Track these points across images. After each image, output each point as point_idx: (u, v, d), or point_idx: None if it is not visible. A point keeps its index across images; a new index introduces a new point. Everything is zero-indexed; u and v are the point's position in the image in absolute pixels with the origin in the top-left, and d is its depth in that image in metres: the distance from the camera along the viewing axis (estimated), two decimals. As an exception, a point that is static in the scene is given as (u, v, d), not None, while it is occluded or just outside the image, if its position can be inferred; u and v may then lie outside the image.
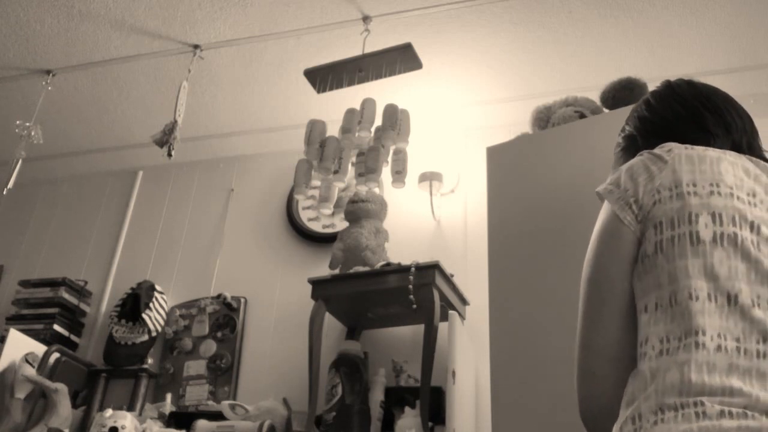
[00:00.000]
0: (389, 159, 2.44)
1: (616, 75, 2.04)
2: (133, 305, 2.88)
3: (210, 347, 2.80)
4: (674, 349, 0.82)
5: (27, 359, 2.48)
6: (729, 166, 0.95)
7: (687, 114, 1.10)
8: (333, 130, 2.55)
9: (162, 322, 2.90)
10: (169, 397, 2.64)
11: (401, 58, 2.33)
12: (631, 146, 1.15)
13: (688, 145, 0.99)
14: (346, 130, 2.44)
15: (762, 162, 0.99)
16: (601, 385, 0.92)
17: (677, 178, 0.93)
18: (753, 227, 0.88)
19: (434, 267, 2.26)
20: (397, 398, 2.36)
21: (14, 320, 2.94)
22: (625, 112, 1.26)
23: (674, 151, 0.97)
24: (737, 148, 1.05)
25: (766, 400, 0.76)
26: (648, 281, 0.90)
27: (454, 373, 2.04)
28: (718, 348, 0.80)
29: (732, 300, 0.83)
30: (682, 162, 0.95)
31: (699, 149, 0.98)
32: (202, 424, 2.30)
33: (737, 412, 0.75)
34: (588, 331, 0.95)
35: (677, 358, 0.81)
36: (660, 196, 0.92)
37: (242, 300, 2.88)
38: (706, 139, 1.05)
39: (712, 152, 0.97)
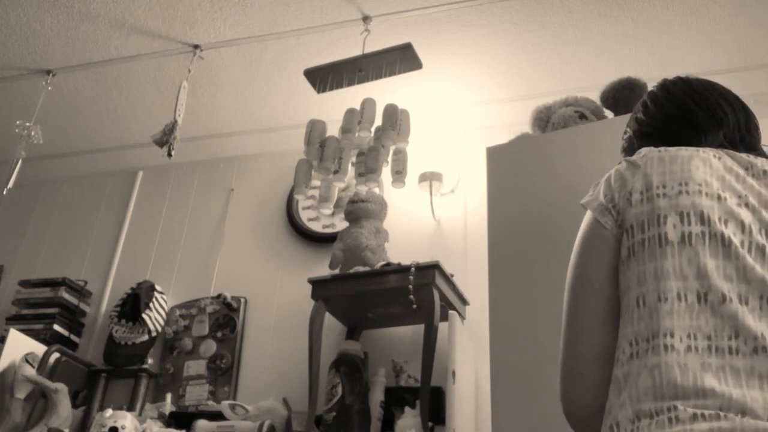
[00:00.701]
0: (389, 159, 2.44)
1: (616, 75, 2.04)
2: (133, 305, 2.88)
3: (210, 347, 2.80)
4: (643, 351, 0.82)
5: (27, 359, 2.48)
6: (700, 163, 0.94)
7: (678, 112, 1.10)
8: (333, 130, 2.55)
9: (162, 322, 2.90)
10: (169, 397, 2.64)
11: (401, 58, 2.33)
12: (629, 149, 1.16)
13: (662, 148, 1.00)
14: (346, 130, 2.44)
15: (739, 155, 0.98)
16: (585, 384, 0.92)
17: (648, 181, 0.94)
18: (721, 222, 0.88)
19: (434, 267, 2.26)
20: (397, 398, 2.36)
21: (14, 320, 2.94)
22: (623, 118, 1.27)
23: (647, 155, 0.98)
24: (729, 142, 1.05)
25: (739, 399, 0.75)
26: (622, 285, 0.91)
27: (454, 373, 2.04)
28: (689, 348, 0.79)
29: (702, 298, 0.83)
30: (653, 165, 0.96)
31: (672, 150, 0.98)
32: (202, 424, 2.30)
33: (710, 414, 0.74)
34: (571, 331, 0.96)
35: (647, 361, 0.81)
36: (632, 199, 0.93)
37: (242, 300, 2.88)
38: (697, 135, 1.05)
39: (684, 152, 0.97)
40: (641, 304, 0.86)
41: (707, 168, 0.94)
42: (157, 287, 2.98)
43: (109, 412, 2.34)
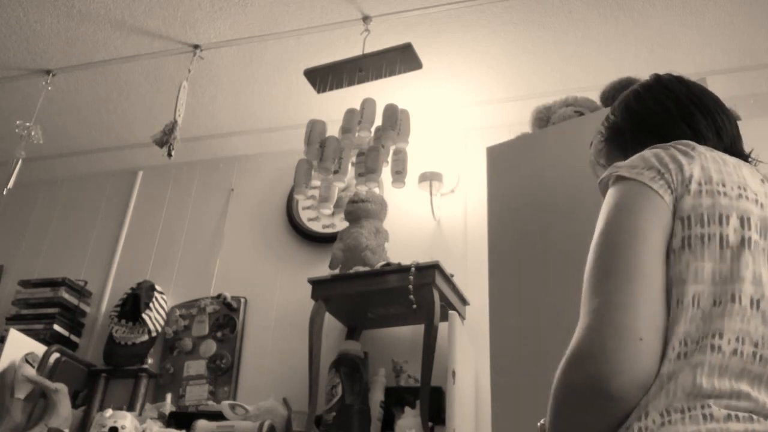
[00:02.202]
0: (389, 159, 2.44)
1: (616, 75, 2.03)
2: (133, 305, 2.88)
3: (210, 347, 2.80)
4: (691, 352, 0.80)
5: (27, 359, 2.48)
6: (748, 173, 0.94)
7: (678, 112, 1.07)
8: (333, 130, 2.55)
9: (162, 322, 2.90)
10: (169, 397, 2.64)
11: (401, 58, 2.33)
12: (617, 138, 1.13)
13: (706, 147, 0.97)
14: (346, 130, 2.44)
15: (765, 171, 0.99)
16: (643, 350, 0.79)
17: (707, 174, 0.90)
18: None
19: (434, 267, 2.26)
20: (397, 398, 2.36)
21: (14, 320, 2.94)
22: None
23: (697, 148, 0.95)
24: (728, 152, 1.03)
25: None
26: (672, 274, 0.85)
27: (454, 373, 2.04)
28: (734, 352, 0.79)
29: (754, 303, 0.82)
30: (707, 160, 0.92)
31: (717, 152, 0.97)
32: (202, 424, 2.30)
33: (743, 416, 0.74)
34: (630, 288, 0.82)
35: (692, 360, 0.79)
36: (690, 187, 0.89)
37: (242, 300, 2.88)
38: (697, 140, 1.02)
39: (729, 158, 0.96)
40: (695, 304, 0.82)
41: (754, 179, 0.94)
42: (157, 287, 2.98)
43: (109, 412, 2.34)
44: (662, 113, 1.08)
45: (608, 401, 0.78)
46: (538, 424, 0.92)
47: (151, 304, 2.87)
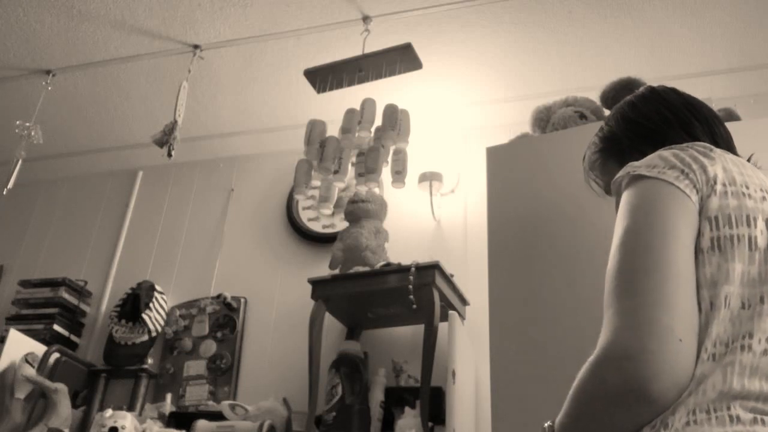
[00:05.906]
0: (389, 159, 2.44)
1: (616, 75, 2.04)
2: (133, 305, 2.89)
3: (210, 347, 2.80)
4: (720, 355, 0.79)
5: (27, 359, 2.48)
6: (764, 177, 0.94)
7: (676, 120, 1.07)
8: (333, 130, 2.55)
9: (162, 322, 2.90)
10: (169, 397, 2.64)
11: (401, 58, 2.33)
12: (613, 147, 1.13)
13: (721, 150, 0.97)
14: (346, 130, 2.44)
15: None
16: (683, 351, 0.77)
17: (730, 176, 0.90)
18: None
19: (434, 267, 2.26)
20: (397, 398, 2.36)
21: (14, 320, 2.94)
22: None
23: (716, 150, 0.95)
24: None
25: None
26: (704, 277, 0.84)
27: (454, 373, 2.04)
28: (765, 352, 0.78)
29: None
30: (728, 162, 0.92)
31: (734, 155, 0.97)
32: (202, 424, 2.30)
33: None
34: (667, 286, 0.80)
35: (723, 360, 0.78)
36: (716, 188, 0.88)
37: (242, 300, 2.88)
38: None
39: (745, 161, 0.96)
40: (727, 305, 0.81)
41: None
42: (157, 287, 2.98)
43: (109, 412, 2.33)
44: (659, 121, 1.09)
45: (646, 404, 0.76)
46: (545, 425, 0.90)
47: (151, 304, 2.87)
